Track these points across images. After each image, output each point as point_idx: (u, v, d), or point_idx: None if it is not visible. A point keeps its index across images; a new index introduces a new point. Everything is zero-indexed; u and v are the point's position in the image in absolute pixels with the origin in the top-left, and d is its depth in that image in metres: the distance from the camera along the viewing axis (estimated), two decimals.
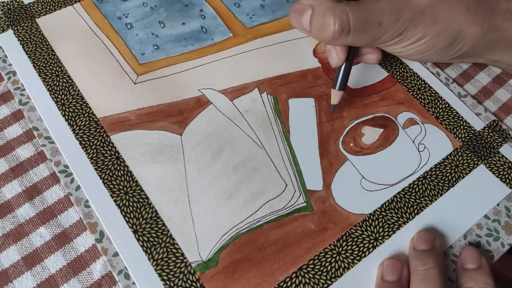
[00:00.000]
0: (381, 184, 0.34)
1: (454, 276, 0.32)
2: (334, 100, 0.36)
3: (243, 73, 0.39)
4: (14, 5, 0.41)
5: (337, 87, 0.36)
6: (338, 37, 0.32)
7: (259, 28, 0.42)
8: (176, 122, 0.36)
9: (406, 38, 0.33)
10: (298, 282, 0.30)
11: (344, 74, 0.35)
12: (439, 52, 0.34)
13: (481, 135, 0.37)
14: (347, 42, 0.33)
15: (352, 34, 0.32)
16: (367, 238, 0.32)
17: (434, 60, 0.36)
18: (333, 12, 0.31)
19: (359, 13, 0.31)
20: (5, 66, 0.38)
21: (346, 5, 0.31)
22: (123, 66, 0.38)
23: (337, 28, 0.31)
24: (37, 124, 0.35)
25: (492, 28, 0.33)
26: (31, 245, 0.31)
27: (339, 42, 0.32)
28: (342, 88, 0.36)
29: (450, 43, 0.33)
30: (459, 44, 0.34)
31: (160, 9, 0.42)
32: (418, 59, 0.36)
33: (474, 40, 0.33)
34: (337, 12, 0.31)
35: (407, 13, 0.32)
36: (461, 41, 0.33)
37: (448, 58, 0.35)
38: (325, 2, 0.32)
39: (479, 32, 0.33)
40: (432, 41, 0.33)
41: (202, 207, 0.33)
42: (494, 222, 0.34)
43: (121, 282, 0.30)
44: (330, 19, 0.31)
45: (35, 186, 0.33)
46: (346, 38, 0.32)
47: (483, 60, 0.36)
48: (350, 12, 0.31)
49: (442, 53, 0.34)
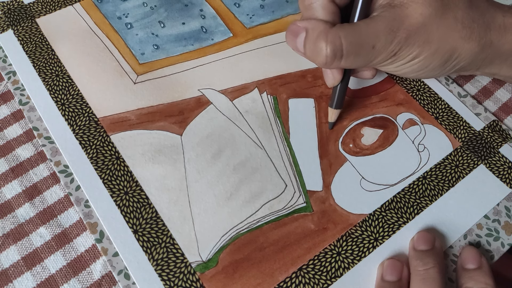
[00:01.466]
0: (381, 185, 0.34)
1: (454, 276, 0.32)
2: (332, 118, 0.36)
3: (243, 73, 0.39)
4: (14, 5, 0.41)
5: (334, 106, 0.36)
6: (331, 62, 0.31)
7: (259, 28, 0.42)
8: (176, 122, 0.36)
9: (400, 58, 0.32)
10: (298, 282, 0.30)
11: (340, 93, 0.35)
12: (435, 69, 0.34)
13: (481, 135, 0.37)
14: (341, 65, 0.32)
15: (345, 58, 0.31)
16: (367, 238, 0.32)
17: (430, 77, 0.36)
18: (325, 37, 0.30)
19: (352, 37, 0.31)
20: (5, 66, 0.38)
21: (340, 29, 0.31)
22: (123, 66, 0.38)
23: (329, 53, 0.31)
24: (37, 124, 0.35)
25: (488, 43, 0.33)
26: (31, 245, 0.31)
27: (332, 66, 0.32)
28: (338, 106, 0.36)
29: (445, 60, 0.33)
30: (454, 60, 0.33)
31: (160, 9, 0.42)
32: (414, 77, 0.36)
33: (470, 56, 0.33)
34: (329, 37, 0.30)
35: (401, 34, 0.31)
36: (456, 57, 0.33)
37: (444, 74, 0.35)
38: (319, 26, 0.31)
39: (476, 48, 0.32)
40: (427, 59, 0.33)
41: (202, 207, 0.33)
42: (494, 222, 0.34)
43: (121, 282, 0.30)
44: (323, 44, 0.30)
45: (35, 186, 0.33)
46: (339, 62, 0.31)
47: (480, 73, 0.36)
48: (343, 36, 0.30)
49: (438, 70, 0.34)
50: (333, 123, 0.37)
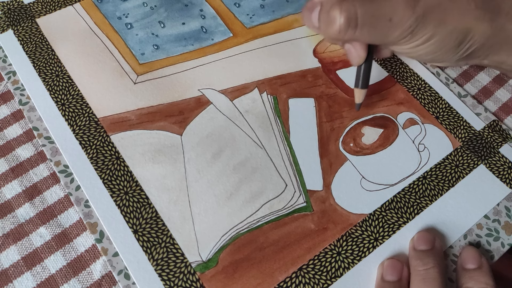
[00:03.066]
0: (381, 184, 0.34)
1: (454, 276, 0.32)
2: (359, 99, 0.36)
3: (243, 73, 0.39)
4: (14, 5, 0.41)
5: (360, 86, 0.36)
6: (345, 31, 0.31)
7: (259, 28, 0.42)
8: (176, 122, 0.36)
9: (416, 37, 0.32)
10: (298, 282, 0.30)
11: (365, 72, 0.35)
12: (449, 51, 0.34)
13: (481, 135, 0.37)
14: (355, 37, 0.32)
15: (360, 28, 0.31)
16: (367, 238, 0.32)
17: (443, 61, 0.36)
18: (340, 6, 0.31)
19: (367, 7, 0.31)
20: (5, 66, 0.38)
21: None
22: (123, 66, 0.38)
23: (343, 21, 0.31)
24: (37, 124, 0.35)
25: (499, 27, 0.33)
26: (31, 245, 0.31)
27: (346, 36, 0.32)
28: (364, 86, 0.36)
29: (460, 42, 0.33)
30: (468, 42, 0.33)
31: (160, 9, 0.42)
32: (429, 60, 0.36)
33: (483, 38, 0.33)
34: (344, 5, 0.31)
35: (419, 10, 0.31)
36: (470, 39, 0.33)
37: (458, 57, 0.35)
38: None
39: (488, 30, 0.33)
40: (442, 40, 0.33)
41: (202, 207, 0.33)
42: (494, 222, 0.34)
43: (121, 282, 0.30)
44: (336, 12, 0.31)
45: (35, 186, 0.33)
46: (353, 32, 0.31)
47: (488, 61, 0.36)
48: (358, 5, 0.30)
49: (453, 52, 0.34)
50: (360, 104, 0.37)
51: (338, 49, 0.41)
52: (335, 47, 0.41)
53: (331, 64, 0.40)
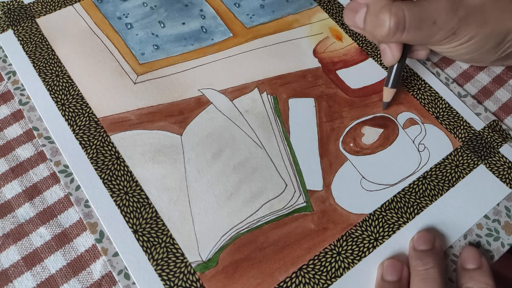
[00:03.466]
0: (381, 184, 0.34)
1: (454, 276, 0.32)
2: (387, 98, 0.37)
3: (243, 73, 0.39)
4: (14, 5, 0.41)
5: (390, 85, 0.36)
6: (393, 34, 0.32)
7: (259, 28, 0.42)
8: (176, 122, 0.36)
9: (458, 37, 0.33)
10: (298, 282, 0.30)
11: (397, 72, 0.36)
12: (489, 51, 0.35)
13: (481, 135, 0.37)
14: (401, 39, 0.33)
15: (407, 31, 0.32)
16: (367, 238, 0.32)
17: (482, 61, 0.37)
18: (389, 9, 0.32)
19: (414, 10, 0.32)
20: (5, 66, 0.38)
21: (402, 3, 0.32)
22: (123, 66, 0.38)
23: (392, 24, 0.32)
24: (37, 124, 0.35)
25: None
26: (31, 245, 0.31)
27: (393, 39, 0.33)
28: (395, 86, 0.36)
29: (500, 41, 0.34)
30: (507, 42, 0.34)
31: (160, 9, 0.42)
32: (468, 59, 0.37)
33: None
34: (393, 9, 0.32)
35: (461, 12, 0.32)
36: (509, 39, 0.34)
37: (496, 57, 0.36)
38: (381, 1, 0.32)
39: None
40: (482, 40, 0.34)
41: (202, 207, 0.33)
42: (494, 222, 0.34)
43: (121, 282, 0.30)
44: (386, 16, 0.32)
45: (35, 186, 0.33)
46: (400, 35, 0.33)
47: None
48: (406, 9, 0.32)
49: (492, 53, 0.35)
50: (388, 103, 0.37)
51: (338, 49, 0.41)
52: (335, 47, 0.41)
53: (331, 64, 0.40)
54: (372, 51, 0.41)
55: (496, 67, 0.41)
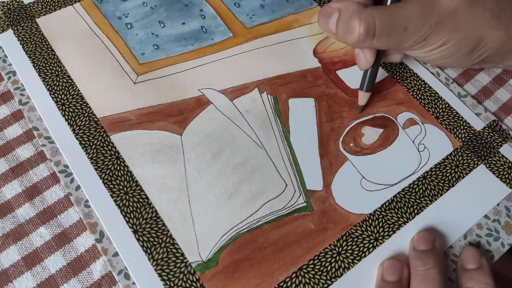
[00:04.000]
0: (381, 184, 0.34)
1: (454, 276, 0.32)
2: (362, 101, 0.37)
3: (243, 73, 0.39)
4: (14, 5, 0.41)
5: (365, 89, 0.36)
6: (364, 40, 0.32)
7: (259, 28, 0.42)
8: (176, 122, 0.36)
9: (430, 43, 0.33)
10: (298, 282, 0.30)
11: (371, 76, 0.36)
12: (462, 57, 0.35)
13: (481, 135, 0.37)
14: (372, 45, 0.33)
15: (377, 38, 0.32)
16: (367, 238, 0.32)
17: (456, 66, 0.37)
18: (359, 16, 0.32)
19: (385, 17, 0.32)
20: (5, 66, 0.38)
21: (373, 9, 0.32)
22: (123, 66, 0.38)
23: (362, 31, 0.32)
24: (37, 124, 0.35)
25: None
26: (31, 245, 0.31)
27: (364, 45, 0.33)
28: (369, 89, 0.36)
29: (473, 48, 0.34)
30: (481, 49, 0.34)
31: (160, 9, 0.42)
32: (442, 64, 0.37)
33: (497, 45, 0.34)
34: (363, 15, 0.31)
35: (432, 19, 0.32)
36: (483, 46, 0.34)
37: (470, 63, 0.36)
38: (352, 6, 0.32)
39: (503, 37, 0.33)
40: (455, 47, 0.33)
41: (202, 207, 0.33)
42: (494, 222, 0.34)
43: (121, 282, 0.30)
44: (356, 22, 0.32)
45: (35, 186, 0.33)
46: (371, 41, 0.32)
47: (503, 66, 0.37)
48: (376, 16, 0.31)
49: (465, 58, 0.35)
50: (363, 106, 0.37)
51: (338, 49, 0.41)
52: (335, 47, 0.41)
53: (331, 64, 0.40)
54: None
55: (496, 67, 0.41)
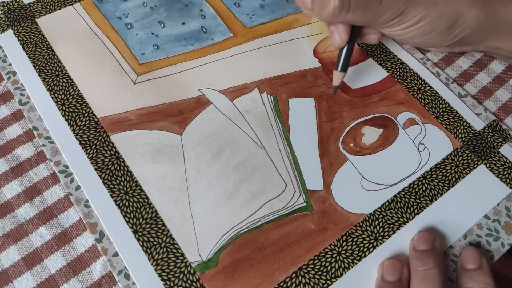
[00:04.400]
0: (381, 184, 0.34)
1: (454, 276, 0.32)
2: (336, 81, 0.37)
3: (243, 73, 0.39)
4: (14, 5, 0.41)
5: (339, 68, 0.36)
6: (338, 13, 0.32)
7: (259, 28, 0.42)
8: (176, 122, 0.36)
9: (406, 18, 0.33)
10: (298, 282, 0.30)
11: (346, 55, 0.36)
12: (439, 35, 0.34)
13: (481, 135, 0.37)
14: (347, 19, 0.33)
15: (352, 11, 0.32)
16: (367, 238, 0.32)
17: (434, 45, 0.36)
18: None
19: None
20: (5, 66, 0.38)
21: None
22: (123, 66, 0.38)
23: (337, 4, 0.31)
24: (37, 124, 0.35)
25: (492, 12, 0.34)
26: (31, 245, 0.31)
27: (339, 19, 0.33)
28: (344, 69, 0.36)
29: (451, 25, 0.34)
30: (459, 26, 0.34)
31: (160, 9, 0.42)
32: (419, 43, 0.36)
33: (474, 24, 0.34)
34: None
35: None
36: (461, 23, 0.34)
37: (449, 42, 0.36)
38: None
39: (480, 15, 0.33)
40: (432, 23, 0.33)
41: (202, 207, 0.33)
42: (494, 222, 0.34)
43: (121, 282, 0.30)
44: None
45: (35, 186, 0.33)
46: (346, 14, 0.32)
47: (483, 48, 0.37)
48: None
49: (443, 36, 0.35)
50: (337, 86, 0.37)
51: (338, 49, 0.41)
52: None
53: (331, 64, 0.40)
54: (372, 51, 0.41)
55: (496, 67, 0.41)
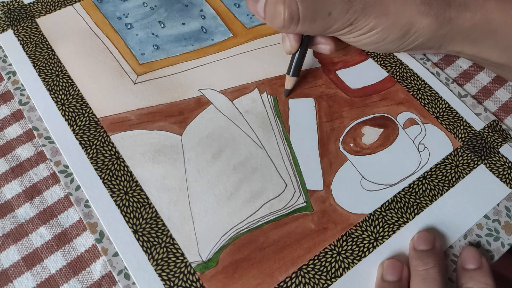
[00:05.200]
0: (381, 184, 0.34)
1: (454, 276, 0.32)
2: (288, 85, 0.37)
3: (243, 73, 0.39)
4: (14, 5, 0.41)
5: (291, 73, 0.37)
6: (288, 26, 0.32)
7: (259, 28, 0.42)
8: (176, 122, 0.36)
9: (357, 28, 0.34)
10: (298, 282, 0.30)
11: (298, 61, 0.36)
12: (393, 42, 0.35)
13: (481, 135, 0.37)
14: (298, 30, 0.33)
15: (301, 23, 0.32)
16: (367, 238, 0.32)
17: (390, 51, 0.37)
18: (283, 1, 0.32)
19: (308, 2, 0.32)
20: (5, 66, 0.38)
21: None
22: (123, 66, 0.38)
23: (286, 16, 0.32)
24: (37, 124, 0.35)
25: (447, 20, 0.34)
26: (31, 245, 0.31)
27: (289, 30, 0.33)
28: (295, 74, 0.37)
29: (403, 34, 0.34)
30: (412, 35, 0.34)
31: (160, 9, 0.42)
32: (374, 49, 0.37)
33: (428, 32, 0.34)
34: (287, 1, 0.32)
35: (357, 4, 0.32)
36: (414, 32, 0.34)
37: (404, 49, 0.36)
38: None
39: (434, 24, 0.34)
40: (384, 32, 0.34)
41: (202, 207, 0.33)
42: (494, 222, 0.34)
43: (121, 282, 0.30)
44: (280, 8, 0.32)
45: (35, 186, 0.33)
46: (296, 26, 0.33)
47: (445, 51, 0.37)
48: (300, 1, 0.32)
49: (396, 44, 0.35)
50: (289, 90, 0.38)
51: (338, 49, 0.41)
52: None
53: (331, 64, 0.40)
54: (372, 51, 0.41)
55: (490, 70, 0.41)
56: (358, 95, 0.39)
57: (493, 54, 0.36)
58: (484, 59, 0.37)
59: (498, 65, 0.37)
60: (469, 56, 0.37)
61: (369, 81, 0.39)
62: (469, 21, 0.34)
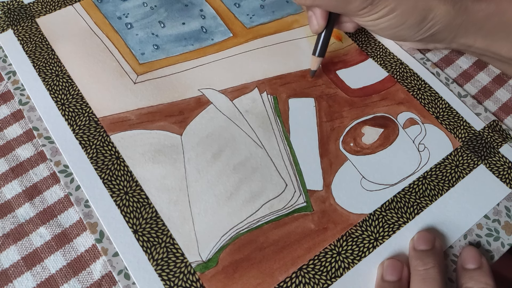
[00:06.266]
0: (381, 184, 0.34)
1: (454, 276, 0.32)
2: (314, 66, 0.38)
3: (243, 73, 0.39)
4: (14, 5, 0.41)
5: (317, 54, 0.37)
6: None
7: (259, 28, 0.42)
8: (176, 122, 0.36)
9: (376, 9, 0.34)
10: (298, 282, 0.30)
11: (324, 41, 0.37)
12: (410, 28, 0.35)
13: (481, 135, 0.37)
14: (316, 3, 0.34)
15: None
16: (367, 238, 0.32)
17: (405, 38, 0.36)
18: None
19: None
20: (5, 66, 0.38)
21: None
22: (123, 66, 0.38)
23: None
24: (37, 124, 0.35)
25: (463, 9, 0.34)
26: (31, 245, 0.31)
27: (308, 1, 0.33)
28: (321, 54, 0.37)
29: (422, 19, 0.34)
30: (430, 21, 0.34)
31: (160, 9, 0.42)
32: (391, 35, 0.37)
33: (446, 19, 0.34)
34: None
35: None
36: (432, 18, 0.34)
37: (420, 36, 0.36)
38: None
39: (451, 10, 0.34)
40: (403, 15, 0.34)
41: (202, 207, 0.33)
42: (494, 222, 0.34)
43: (121, 282, 0.30)
44: None
45: (35, 186, 0.33)
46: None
47: (456, 45, 0.37)
48: None
49: (414, 30, 0.35)
50: (315, 71, 0.38)
51: (338, 49, 0.41)
52: (335, 47, 0.41)
53: (331, 64, 0.40)
54: (372, 51, 0.41)
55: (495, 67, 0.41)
56: (358, 95, 0.39)
57: (504, 47, 0.36)
58: (494, 53, 0.37)
59: (507, 59, 0.37)
60: (480, 50, 0.37)
61: (369, 81, 0.39)
62: (484, 11, 0.34)
